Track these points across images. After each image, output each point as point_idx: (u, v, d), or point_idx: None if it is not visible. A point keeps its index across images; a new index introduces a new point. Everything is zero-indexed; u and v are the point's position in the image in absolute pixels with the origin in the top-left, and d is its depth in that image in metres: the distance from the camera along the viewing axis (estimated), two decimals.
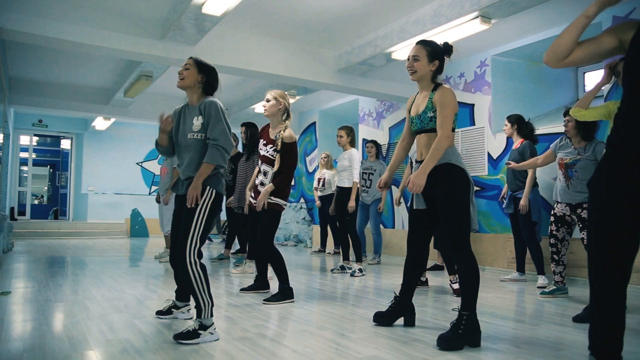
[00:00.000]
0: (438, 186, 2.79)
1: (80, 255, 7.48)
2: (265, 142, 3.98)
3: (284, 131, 3.85)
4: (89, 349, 2.52)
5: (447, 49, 2.93)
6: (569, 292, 4.34)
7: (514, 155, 5.11)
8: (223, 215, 10.06)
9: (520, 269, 5.25)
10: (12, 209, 11.69)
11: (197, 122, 2.87)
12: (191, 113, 2.92)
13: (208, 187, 2.81)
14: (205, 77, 2.94)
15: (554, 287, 4.29)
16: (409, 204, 3.21)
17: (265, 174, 3.94)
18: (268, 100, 3.91)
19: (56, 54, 7.16)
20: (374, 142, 6.98)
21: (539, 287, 4.74)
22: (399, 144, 3.21)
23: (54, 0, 5.05)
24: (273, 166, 3.88)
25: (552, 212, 4.26)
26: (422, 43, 2.94)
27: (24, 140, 13.05)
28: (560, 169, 4.18)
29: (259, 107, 8.78)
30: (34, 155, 13.79)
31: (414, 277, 3.09)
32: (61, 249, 8.39)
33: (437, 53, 2.91)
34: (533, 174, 4.94)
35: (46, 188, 17.78)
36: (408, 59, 2.94)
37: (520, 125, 5.17)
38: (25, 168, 13.76)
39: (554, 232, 4.23)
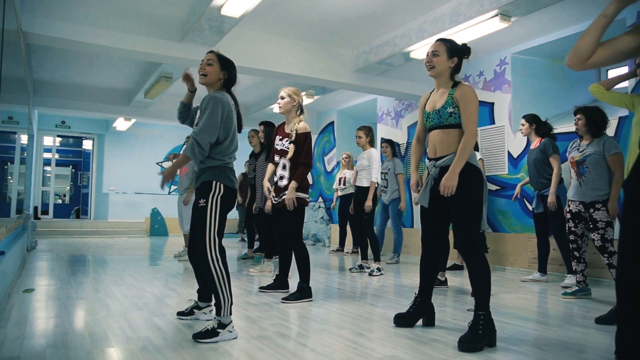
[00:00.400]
0: None
1: (101, 253, 7.60)
2: (281, 137, 4.03)
3: (298, 124, 3.93)
4: (109, 346, 2.56)
5: (465, 49, 2.95)
6: (592, 294, 4.26)
7: (535, 154, 5.03)
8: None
9: (542, 269, 5.16)
10: (35, 208, 11.94)
11: (198, 114, 2.91)
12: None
13: (215, 182, 2.80)
14: (228, 73, 2.97)
15: (576, 287, 4.24)
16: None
17: (284, 166, 3.96)
18: (282, 98, 4.00)
19: (79, 56, 7.29)
20: (389, 142, 6.89)
21: (563, 287, 4.67)
22: (415, 143, 3.20)
23: (77, 4, 5.14)
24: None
25: (568, 210, 4.23)
26: (442, 40, 2.97)
27: (47, 141, 13.32)
28: (572, 167, 4.18)
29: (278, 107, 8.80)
30: (56, 156, 14.03)
31: (430, 275, 3.08)
32: (82, 248, 8.53)
33: (456, 50, 2.93)
34: (558, 170, 4.86)
35: (68, 188, 18.08)
36: (427, 55, 2.95)
37: (539, 124, 5.10)
38: (48, 168, 14.01)
39: (573, 229, 4.20)
